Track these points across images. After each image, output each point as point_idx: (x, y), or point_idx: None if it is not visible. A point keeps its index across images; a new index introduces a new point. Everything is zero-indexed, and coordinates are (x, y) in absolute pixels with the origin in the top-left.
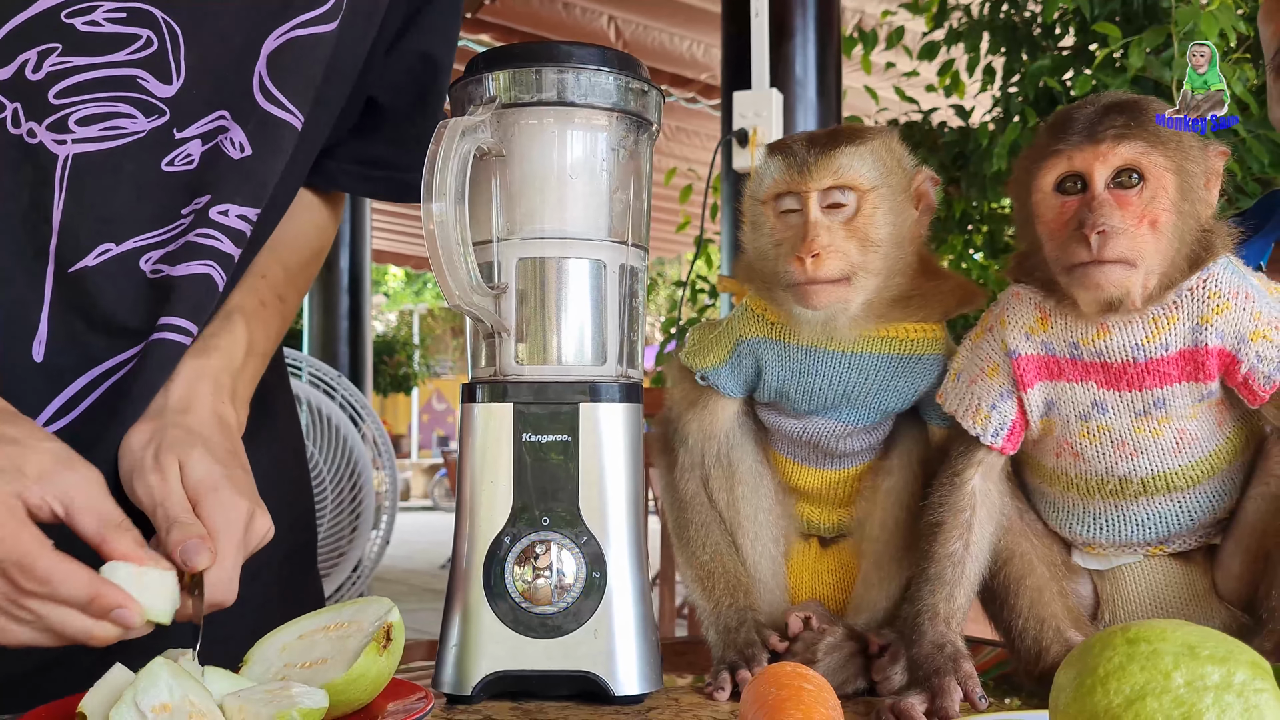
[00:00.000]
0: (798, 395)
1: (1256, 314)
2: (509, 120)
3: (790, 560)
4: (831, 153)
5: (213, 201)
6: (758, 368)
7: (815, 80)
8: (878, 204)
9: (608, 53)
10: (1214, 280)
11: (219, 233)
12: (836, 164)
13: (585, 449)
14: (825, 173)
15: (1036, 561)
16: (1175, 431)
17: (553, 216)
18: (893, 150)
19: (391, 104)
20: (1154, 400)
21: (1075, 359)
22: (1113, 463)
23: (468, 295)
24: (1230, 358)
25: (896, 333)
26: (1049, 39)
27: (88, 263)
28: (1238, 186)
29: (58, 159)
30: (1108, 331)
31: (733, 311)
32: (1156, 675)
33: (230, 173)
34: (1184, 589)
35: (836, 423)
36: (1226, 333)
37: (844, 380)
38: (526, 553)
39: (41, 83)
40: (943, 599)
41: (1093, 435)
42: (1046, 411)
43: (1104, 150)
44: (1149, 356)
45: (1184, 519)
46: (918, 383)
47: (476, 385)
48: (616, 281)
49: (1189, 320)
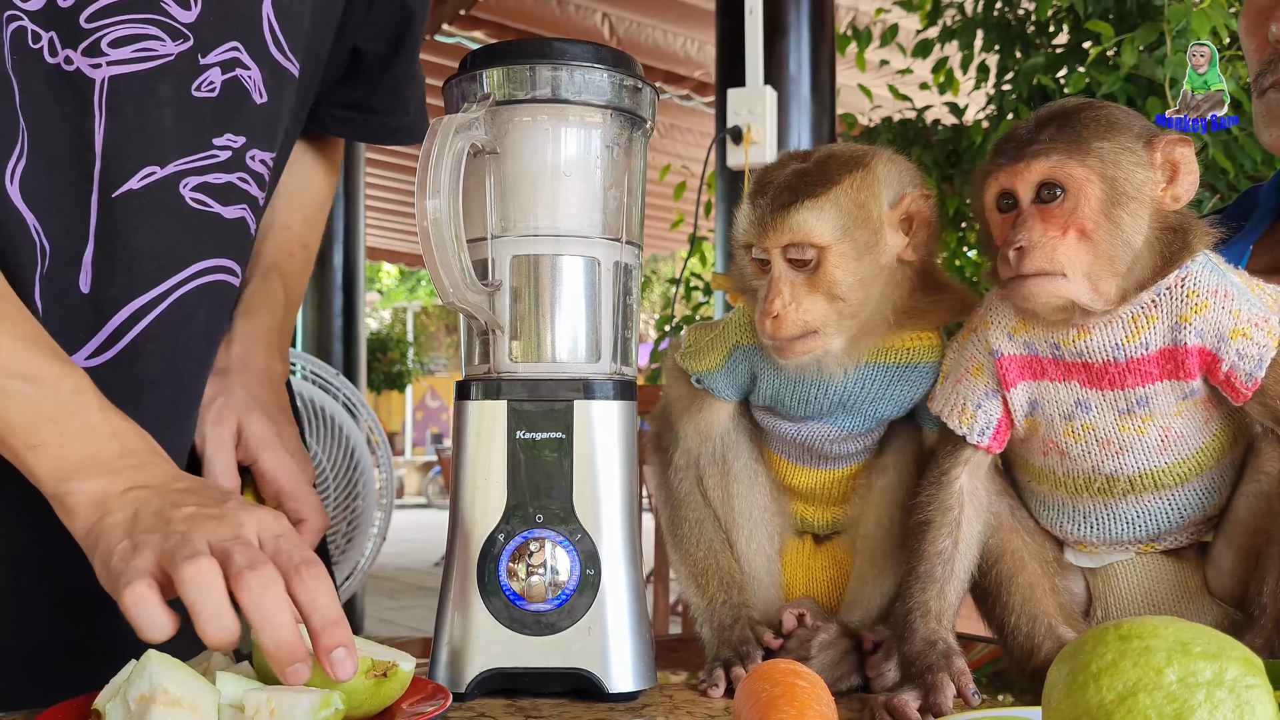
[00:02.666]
0: (793, 403)
1: (1235, 312)
2: (503, 117)
3: (785, 557)
4: (788, 211)
5: (248, 146)
6: (752, 374)
7: (809, 77)
8: (840, 257)
9: (602, 50)
10: (1192, 279)
11: (250, 178)
12: (792, 222)
13: (579, 446)
14: (783, 231)
15: (1028, 559)
16: (1160, 429)
17: (546, 214)
18: (862, 191)
19: (373, 51)
20: (1137, 399)
21: (1057, 359)
22: (1099, 461)
23: (462, 292)
24: (1211, 356)
25: (893, 343)
26: (1042, 37)
27: (132, 185)
28: (1230, 184)
29: (95, 83)
30: (1088, 332)
31: (729, 314)
32: (1149, 672)
33: (256, 117)
34: (1176, 586)
35: (831, 428)
36: (1206, 331)
37: (839, 390)
38: (520, 550)
39: (72, 9)
40: (933, 596)
41: (1077, 434)
42: (1031, 411)
43: (1022, 168)
44: (1129, 356)
45: (1173, 516)
46: (913, 390)
47: (470, 383)
48: (610, 279)
49: (1168, 319)
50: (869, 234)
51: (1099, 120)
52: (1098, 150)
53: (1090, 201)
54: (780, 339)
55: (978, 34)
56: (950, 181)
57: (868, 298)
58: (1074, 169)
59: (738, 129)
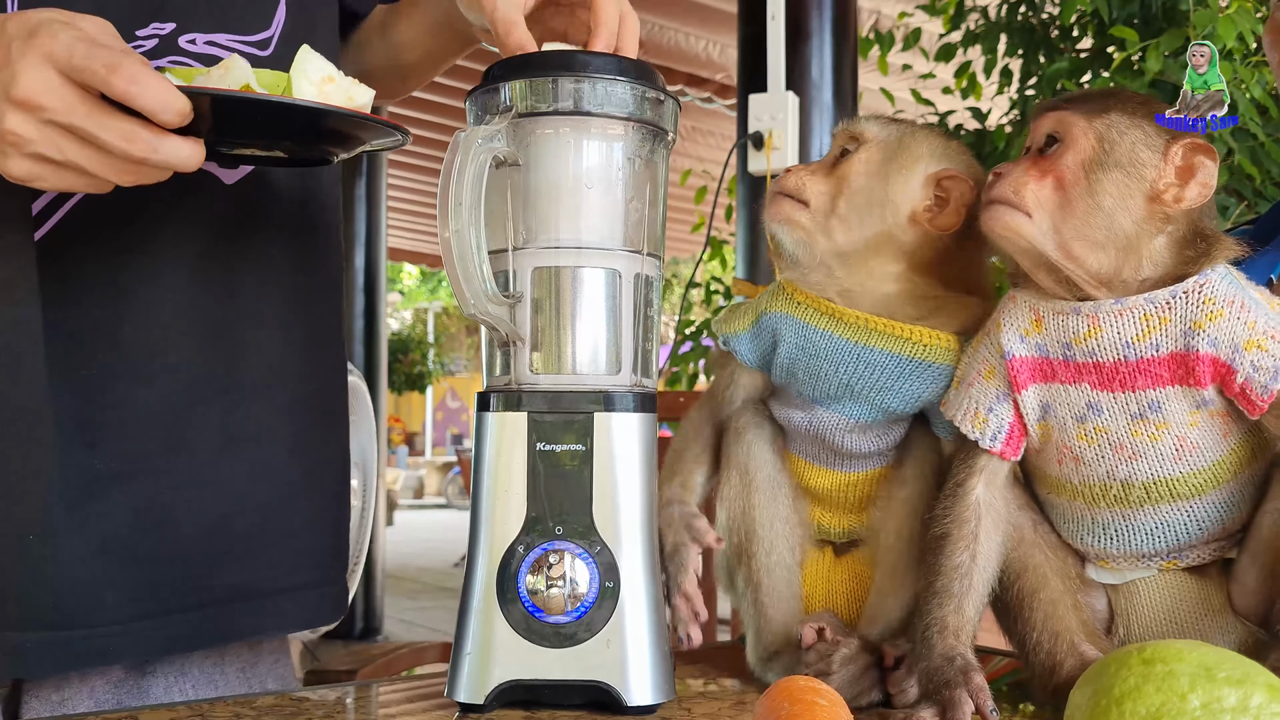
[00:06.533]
0: (804, 377)
1: (1251, 323)
2: (525, 129)
3: (804, 570)
4: (864, 115)
5: (179, 31)
6: (775, 341)
7: (831, 83)
8: (869, 156)
9: (624, 61)
10: (1210, 286)
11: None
12: (861, 120)
13: (599, 458)
14: (852, 124)
15: (1050, 575)
16: (1175, 438)
17: (568, 225)
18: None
19: None
20: (1148, 403)
21: (1069, 360)
22: (1112, 466)
23: (483, 304)
24: (1225, 367)
25: (909, 334)
26: (1066, 41)
27: None
28: (1256, 190)
29: None
30: (1099, 328)
31: (767, 287)
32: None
33: None
34: (1199, 604)
35: (839, 415)
36: (1220, 340)
37: (849, 370)
38: (540, 562)
39: None
40: (951, 611)
41: (1090, 438)
42: (1043, 415)
43: (1039, 119)
44: (1139, 356)
45: (1192, 529)
46: (922, 388)
47: (491, 394)
48: (631, 291)
49: (1181, 323)
50: (899, 165)
51: (1133, 99)
52: (1108, 115)
53: (1076, 154)
54: (781, 185)
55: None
56: None
57: (864, 211)
58: (1075, 121)
59: (759, 135)
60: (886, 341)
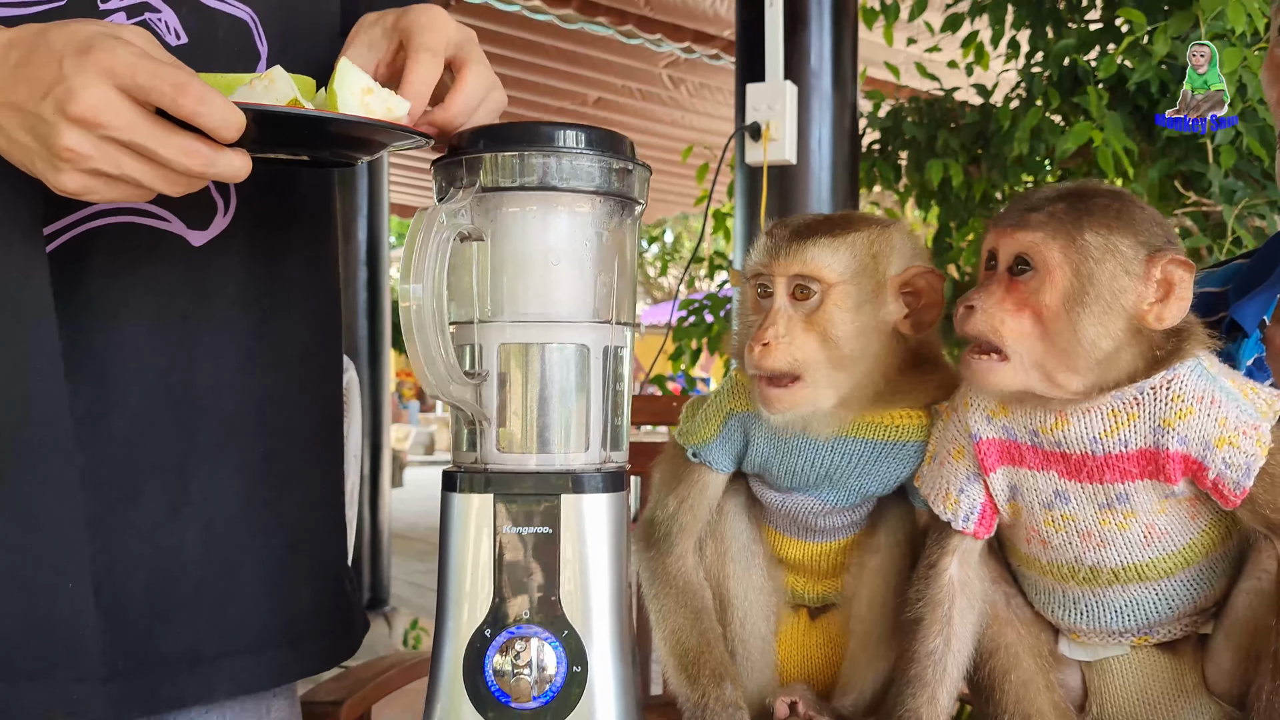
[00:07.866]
0: (780, 473)
1: (1222, 420)
2: (491, 204)
3: (779, 634)
4: (804, 243)
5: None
6: (746, 439)
7: (831, 71)
8: (843, 300)
9: (592, 133)
10: (1179, 382)
11: None
12: (806, 254)
13: (566, 541)
14: (795, 260)
15: (1023, 653)
16: (1143, 526)
17: (535, 300)
18: (877, 246)
19: None
20: (1117, 495)
21: (1036, 446)
22: (1080, 552)
23: (445, 386)
24: (1196, 464)
25: (880, 419)
26: (1074, 14)
27: None
28: (1265, 172)
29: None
30: (1066, 420)
31: (721, 383)
32: None
33: None
34: (1172, 683)
35: (816, 500)
36: (1190, 438)
37: (825, 463)
38: (506, 648)
39: None
40: (924, 702)
41: (1057, 524)
42: (1012, 495)
43: (1008, 233)
44: (1107, 451)
45: (1161, 607)
46: (899, 469)
47: (458, 474)
48: (600, 365)
49: (1150, 420)
50: (874, 288)
51: (1109, 212)
52: (1085, 242)
53: (1054, 289)
54: (765, 368)
55: (1008, 9)
56: (978, 164)
57: (859, 354)
58: (1050, 252)
59: (756, 125)
60: (860, 429)
